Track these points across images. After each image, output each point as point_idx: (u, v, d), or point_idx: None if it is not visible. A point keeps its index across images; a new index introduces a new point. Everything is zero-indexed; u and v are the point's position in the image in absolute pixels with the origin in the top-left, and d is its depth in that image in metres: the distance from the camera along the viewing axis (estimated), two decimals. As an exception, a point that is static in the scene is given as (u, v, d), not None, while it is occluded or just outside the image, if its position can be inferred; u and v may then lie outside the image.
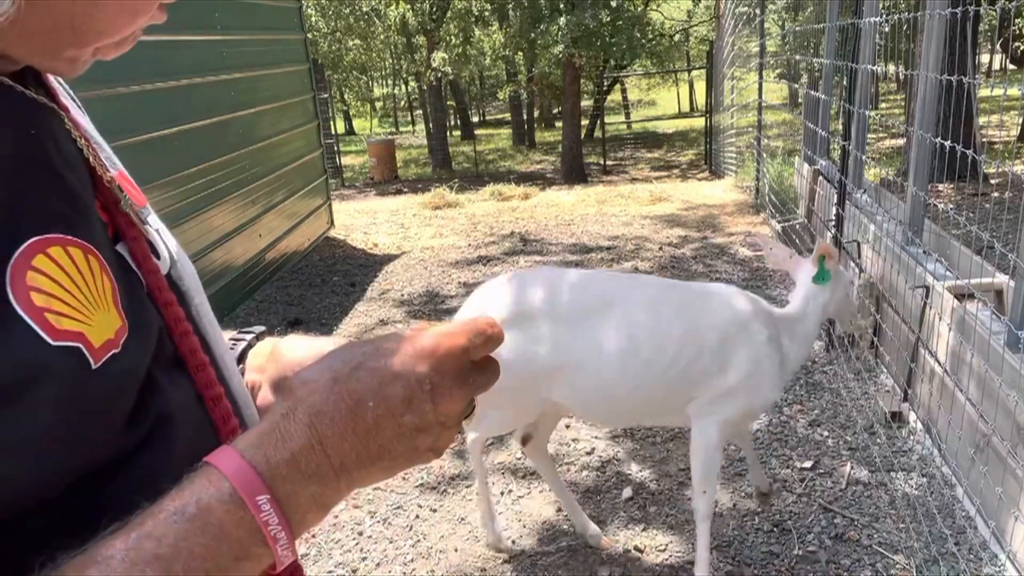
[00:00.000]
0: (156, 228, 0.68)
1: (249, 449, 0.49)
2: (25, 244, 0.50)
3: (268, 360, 0.80)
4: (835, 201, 4.16)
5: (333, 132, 14.57)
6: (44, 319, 0.49)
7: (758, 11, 7.66)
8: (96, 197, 0.61)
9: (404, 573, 2.63)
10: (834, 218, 4.09)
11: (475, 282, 5.75)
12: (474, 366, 0.55)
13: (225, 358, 0.70)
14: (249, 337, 0.84)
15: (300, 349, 0.78)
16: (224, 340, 0.74)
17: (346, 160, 18.18)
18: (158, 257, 0.65)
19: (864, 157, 4.26)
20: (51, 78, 0.64)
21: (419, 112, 30.14)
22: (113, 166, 0.67)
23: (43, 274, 0.51)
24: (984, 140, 9.74)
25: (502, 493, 3.04)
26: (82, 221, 0.56)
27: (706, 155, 14.37)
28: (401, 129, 33.34)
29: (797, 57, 8.34)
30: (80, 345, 0.51)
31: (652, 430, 3.42)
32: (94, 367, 0.51)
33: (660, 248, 6.35)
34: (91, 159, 0.62)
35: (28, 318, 0.49)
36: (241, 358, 0.82)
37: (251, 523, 0.47)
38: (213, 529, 0.46)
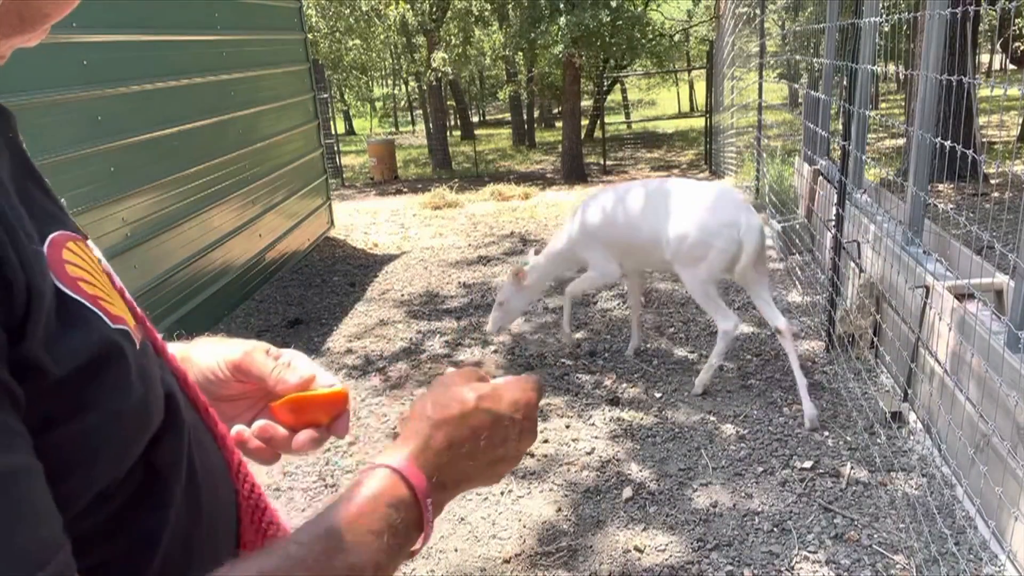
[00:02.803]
0: None
1: (412, 462, 0.61)
2: (48, 239, 0.52)
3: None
4: (835, 201, 4.17)
5: (333, 132, 14.56)
6: (100, 305, 0.53)
7: (758, 11, 7.66)
8: None
9: (404, 573, 2.63)
10: (834, 218, 4.09)
11: (475, 282, 5.75)
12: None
13: None
14: None
15: (209, 356, 0.78)
16: None
17: (346, 160, 18.18)
18: None
19: (864, 157, 4.26)
20: None
21: (419, 112, 30.12)
22: None
23: (76, 266, 0.53)
24: (984, 140, 9.73)
25: (502, 493, 3.04)
26: (67, 218, 0.58)
27: (706, 155, 14.37)
28: (401, 129, 33.32)
29: (797, 57, 8.33)
30: (127, 328, 0.54)
31: (652, 430, 3.43)
32: (137, 347, 0.55)
33: (660, 248, 6.34)
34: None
35: (90, 305, 0.52)
36: None
37: (418, 518, 0.59)
38: (395, 521, 0.57)
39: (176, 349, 0.76)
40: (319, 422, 0.74)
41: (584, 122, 19.91)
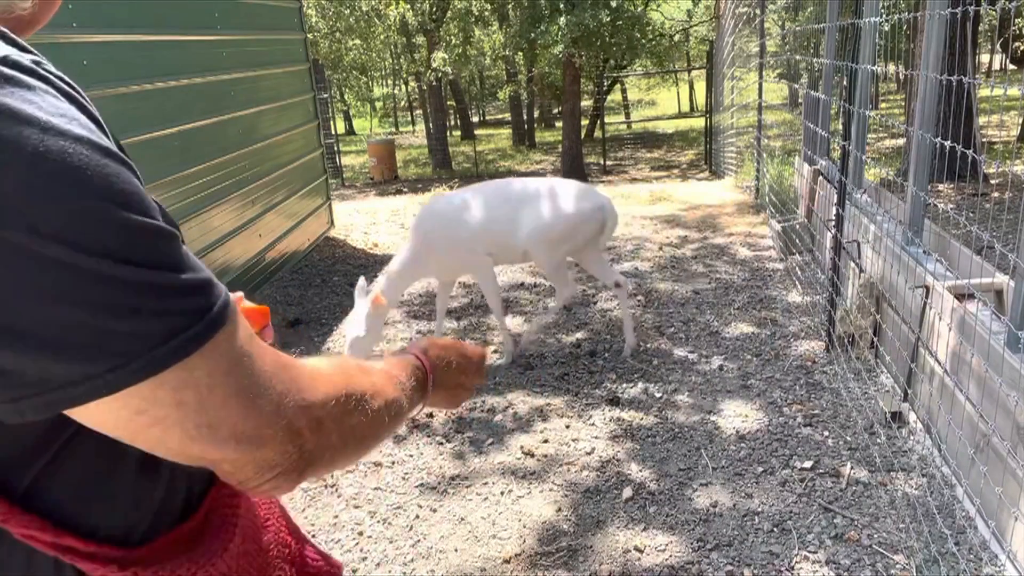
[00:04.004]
0: None
1: (422, 355, 0.94)
2: None
3: None
4: (835, 201, 4.17)
5: (333, 132, 14.56)
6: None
7: (758, 11, 7.66)
8: None
9: (404, 573, 2.63)
10: (834, 218, 4.09)
11: (474, 282, 5.74)
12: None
13: None
14: None
15: None
16: None
17: (346, 160, 18.19)
18: None
19: (864, 157, 4.26)
20: None
21: (419, 112, 30.13)
22: None
23: None
24: (984, 140, 9.74)
25: (502, 493, 3.04)
26: None
27: (706, 155, 14.38)
28: (401, 129, 33.34)
29: (797, 57, 8.34)
30: None
31: (652, 430, 3.43)
32: None
33: (660, 248, 6.35)
34: None
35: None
36: None
37: (424, 385, 0.91)
38: (420, 377, 0.90)
39: None
40: None
41: (584, 122, 19.92)
